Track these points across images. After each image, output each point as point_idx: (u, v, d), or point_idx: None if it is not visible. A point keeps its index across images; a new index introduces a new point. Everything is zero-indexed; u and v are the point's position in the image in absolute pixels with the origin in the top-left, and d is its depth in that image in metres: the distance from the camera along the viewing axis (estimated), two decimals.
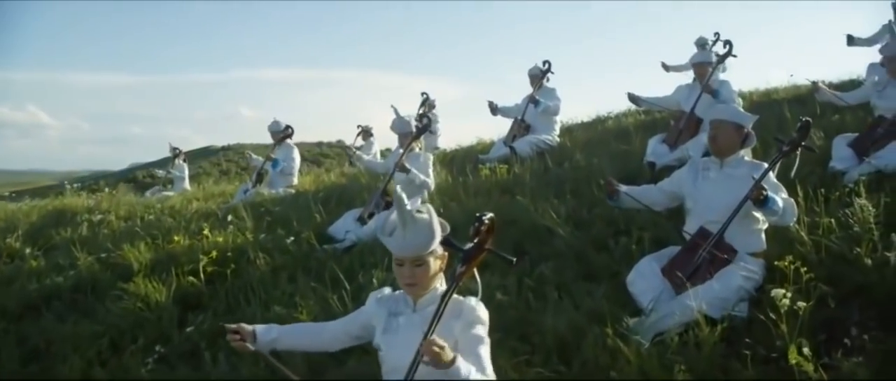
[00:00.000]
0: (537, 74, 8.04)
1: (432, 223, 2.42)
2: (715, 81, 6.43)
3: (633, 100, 6.97)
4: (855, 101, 5.76)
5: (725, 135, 3.85)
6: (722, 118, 3.86)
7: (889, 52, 5.50)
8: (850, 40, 8.68)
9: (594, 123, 9.44)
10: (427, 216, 2.43)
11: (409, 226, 2.39)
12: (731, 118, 3.86)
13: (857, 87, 7.85)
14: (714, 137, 3.87)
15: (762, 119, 7.10)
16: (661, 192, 4.12)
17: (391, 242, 2.43)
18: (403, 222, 2.39)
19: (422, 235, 2.40)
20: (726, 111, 3.89)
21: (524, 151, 7.68)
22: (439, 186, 6.49)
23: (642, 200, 4.08)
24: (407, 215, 2.37)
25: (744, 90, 9.91)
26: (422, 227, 2.41)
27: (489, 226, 2.37)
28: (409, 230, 2.39)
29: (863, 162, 5.08)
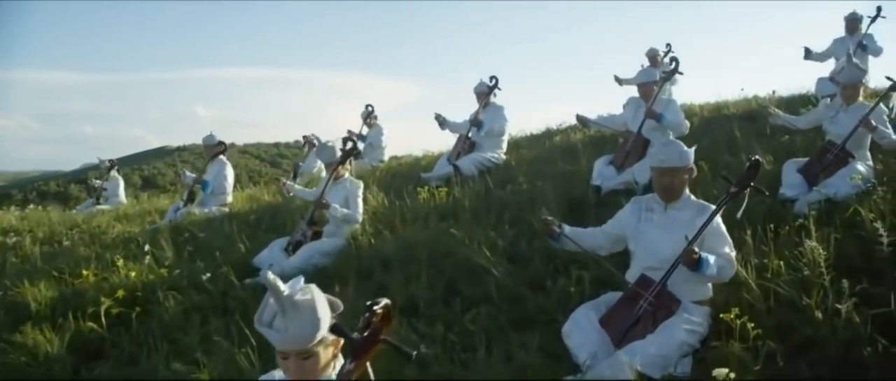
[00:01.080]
0: (484, 91, 7.71)
1: (317, 308, 2.02)
2: (660, 102, 6.15)
3: (582, 122, 6.65)
4: (807, 125, 5.55)
5: (680, 181, 3.56)
6: (676, 166, 3.55)
7: (845, 79, 5.30)
8: (807, 54, 8.56)
9: (542, 136, 9.14)
10: (310, 299, 2.02)
11: (290, 314, 1.98)
12: (682, 163, 3.55)
13: (807, 101, 7.70)
14: (669, 186, 3.56)
15: (713, 137, 6.96)
16: (604, 235, 3.79)
17: (271, 334, 2.01)
18: (282, 309, 1.98)
19: (305, 324, 1.99)
20: (676, 156, 3.57)
21: (468, 169, 7.35)
22: (374, 211, 6.12)
23: (584, 245, 3.75)
24: (285, 301, 1.97)
25: (694, 103, 9.76)
26: (304, 314, 2.00)
27: (383, 314, 1.99)
28: (289, 319, 1.98)
29: (812, 190, 4.88)
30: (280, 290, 1.96)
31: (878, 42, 8.28)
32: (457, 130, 7.83)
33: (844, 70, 5.38)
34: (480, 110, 7.69)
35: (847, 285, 3.29)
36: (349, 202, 5.65)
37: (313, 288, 2.06)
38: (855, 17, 8.41)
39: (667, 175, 3.57)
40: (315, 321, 2.00)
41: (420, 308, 4.25)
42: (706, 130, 7.25)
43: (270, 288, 1.96)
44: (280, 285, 1.96)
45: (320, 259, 5.33)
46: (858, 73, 5.28)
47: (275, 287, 1.95)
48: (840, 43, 8.54)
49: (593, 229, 3.84)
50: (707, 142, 6.76)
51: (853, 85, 5.26)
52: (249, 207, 7.83)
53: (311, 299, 2.01)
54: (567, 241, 3.73)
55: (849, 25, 8.47)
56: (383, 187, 7.12)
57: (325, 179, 5.76)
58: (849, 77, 5.30)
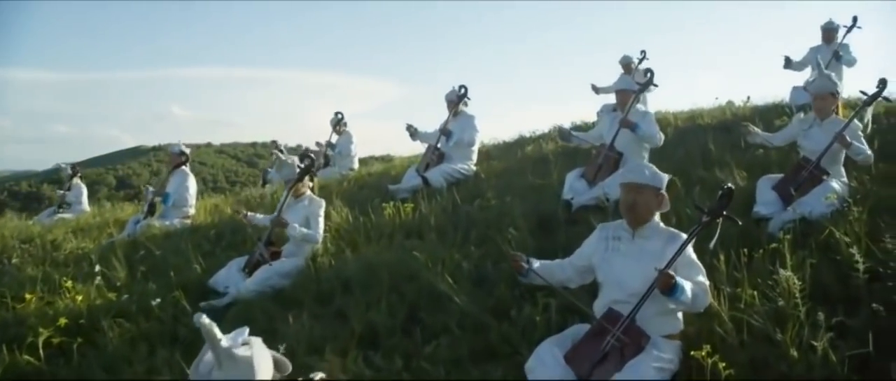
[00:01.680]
0: (453, 99, 7.51)
1: (255, 367, 1.79)
2: (636, 113, 5.99)
3: (564, 137, 6.44)
4: (782, 142, 5.40)
5: (644, 202, 3.35)
6: (641, 183, 3.36)
7: (815, 89, 5.16)
8: (787, 63, 8.46)
9: (514, 145, 8.95)
10: (249, 356, 1.80)
11: (226, 367, 1.76)
12: (651, 183, 3.36)
13: (781, 112, 7.59)
14: (632, 204, 3.36)
15: (687, 148, 6.82)
16: (572, 268, 3.58)
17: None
18: (218, 361, 1.76)
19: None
20: (645, 174, 3.39)
21: (437, 181, 7.14)
22: (337, 228, 5.89)
23: (553, 280, 3.55)
24: (222, 353, 1.75)
25: (669, 111, 9.63)
26: (242, 370, 1.78)
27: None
28: (225, 372, 1.76)
29: (787, 209, 4.73)
30: (216, 339, 1.74)
31: (853, 52, 8.20)
32: (427, 141, 7.62)
33: (815, 81, 5.24)
34: (450, 120, 7.49)
35: (823, 318, 3.14)
36: (310, 221, 5.42)
37: (256, 343, 1.85)
38: (831, 26, 8.33)
39: (632, 192, 3.39)
40: (252, 377, 1.78)
41: (379, 337, 4.04)
42: (680, 140, 7.11)
43: (206, 336, 1.74)
44: (216, 333, 1.74)
45: (278, 281, 5.09)
46: (829, 84, 5.14)
47: (211, 336, 1.73)
48: (816, 51, 8.46)
49: (561, 261, 3.63)
50: (681, 153, 6.63)
51: (823, 96, 5.11)
52: (211, 220, 7.55)
53: (250, 357, 1.79)
54: (536, 276, 3.52)
55: (825, 34, 8.38)
56: (349, 201, 6.90)
57: (283, 197, 5.52)
58: (819, 88, 5.17)
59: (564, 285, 3.58)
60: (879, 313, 3.26)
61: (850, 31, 8.15)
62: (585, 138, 6.43)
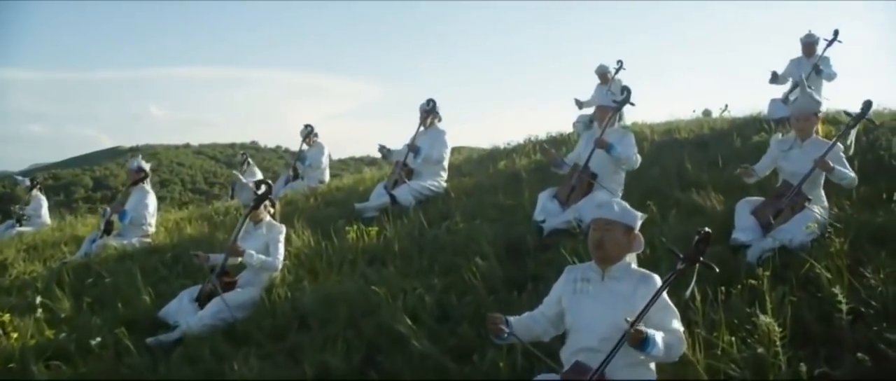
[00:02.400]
0: (424, 110, 7.24)
1: None
2: (613, 133, 5.75)
3: (557, 165, 6.02)
4: (765, 170, 5.14)
5: (613, 240, 3.09)
6: (610, 219, 3.10)
7: (797, 110, 4.94)
8: (774, 78, 8.31)
9: (487, 159, 8.68)
10: None
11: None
12: (620, 219, 3.10)
13: (759, 127, 7.40)
14: (600, 241, 3.10)
15: (663, 166, 6.60)
16: (545, 319, 3.29)
17: None
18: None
19: None
20: (614, 210, 3.13)
21: (405, 199, 6.87)
22: (298, 252, 5.60)
23: (529, 337, 3.26)
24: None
25: (646, 123, 9.44)
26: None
27: None
28: None
29: (766, 236, 4.51)
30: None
31: (833, 66, 8.06)
32: (397, 158, 7.34)
33: (797, 100, 5.02)
34: (419, 134, 7.22)
35: (805, 369, 2.92)
36: (269, 248, 5.12)
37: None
38: (811, 39, 8.18)
39: (599, 229, 3.13)
40: None
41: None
42: (656, 157, 6.89)
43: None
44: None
45: (232, 314, 4.78)
46: (812, 103, 4.93)
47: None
48: (796, 64, 8.32)
49: (533, 314, 3.32)
50: (657, 172, 6.42)
51: (806, 117, 4.90)
52: (171, 240, 7.22)
53: None
54: (514, 338, 3.23)
55: (805, 47, 8.23)
56: (313, 222, 6.60)
57: (239, 224, 5.22)
58: (802, 108, 4.95)
59: (541, 338, 3.31)
60: (864, 362, 3.04)
61: (831, 44, 8.00)
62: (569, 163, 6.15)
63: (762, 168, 5.14)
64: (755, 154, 6.42)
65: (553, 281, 4.35)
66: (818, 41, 8.16)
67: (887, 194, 4.99)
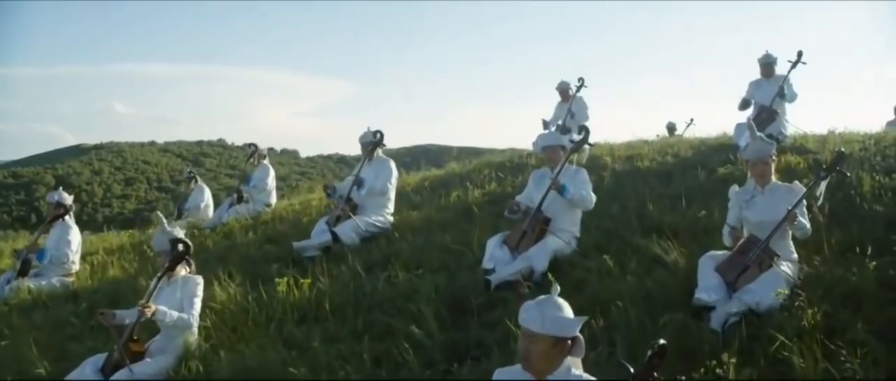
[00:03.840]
0: (368, 142, 6.75)
1: None
2: (567, 172, 5.30)
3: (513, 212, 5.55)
4: (735, 222, 4.74)
5: (540, 353, 2.63)
6: (534, 331, 2.63)
7: (752, 155, 4.54)
8: (744, 104, 7.96)
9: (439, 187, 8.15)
10: None
11: None
12: (548, 332, 2.63)
13: (725, 154, 7.02)
14: (526, 353, 2.64)
15: (623, 203, 6.17)
16: None
17: None
18: None
19: None
20: (539, 321, 2.65)
21: (348, 237, 6.37)
22: (223, 307, 5.06)
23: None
24: None
25: (609, 144, 9.05)
26: None
27: None
28: None
29: (733, 297, 4.11)
30: None
31: (795, 87, 7.74)
32: (342, 193, 6.84)
33: (750, 145, 4.61)
34: (364, 165, 6.72)
35: None
36: (183, 304, 4.58)
37: None
38: (769, 59, 7.85)
39: (525, 339, 2.67)
40: None
41: None
42: (617, 191, 6.47)
43: None
44: None
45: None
46: (766, 147, 4.54)
47: None
48: (756, 86, 7.98)
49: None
50: (616, 210, 6.00)
51: (763, 161, 4.51)
52: (93, 281, 6.63)
53: None
54: None
55: (764, 69, 7.91)
56: (246, 264, 6.08)
57: (153, 284, 4.66)
58: (757, 153, 4.54)
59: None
60: None
61: (795, 66, 7.68)
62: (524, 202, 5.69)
63: (734, 222, 4.74)
64: (721, 189, 6.05)
65: (496, 351, 3.93)
66: (776, 61, 7.85)
67: (860, 245, 4.64)
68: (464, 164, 10.13)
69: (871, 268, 4.13)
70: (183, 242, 4.64)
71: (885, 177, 5.65)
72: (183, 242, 4.64)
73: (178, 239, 4.64)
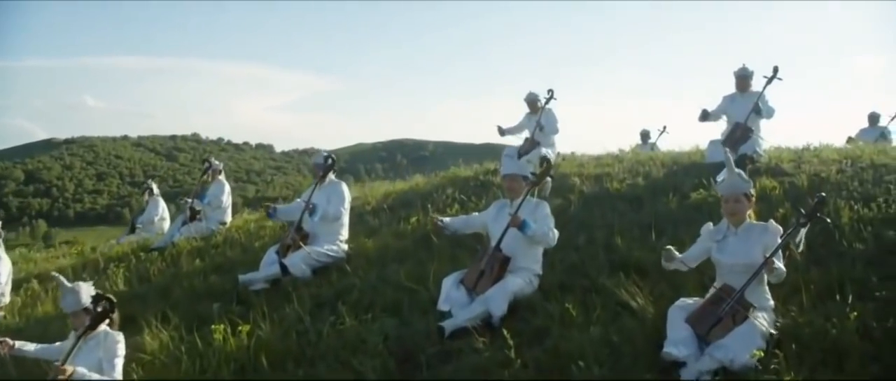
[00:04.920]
0: (320, 167, 6.34)
1: None
2: (528, 206, 4.91)
3: (441, 227, 5.25)
4: (694, 261, 4.41)
5: None
6: None
7: (726, 190, 4.19)
8: (704, 116, 7.70)
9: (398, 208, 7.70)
10: None
11: None
12: None
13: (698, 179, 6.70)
14: None
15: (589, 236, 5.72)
16: None
17: None
18: None
19: None
20: None
21: (298, 269, 5.95)
22: (149, 360, 4.63)
23: None
24: None
25: (580, 158, 8.69)
26: None
27: None
28: None
29: (704, 353, 3.77)
30: None
31: (771, 103, 7.45)
32: (291, 217, 6.41)
33: (726, 180, 4.24)
34: (315, 190, 6.30)
35: None
36: (103, 364, 4.15)
37: None
38: (745, 73, 7.55)
39: None
40: None
41: None
42: (585, 218, 6.12)
43: None
44: None
45: None
46: (741, 183, 4.18)
47: None
48: (730, 101, 7.69)
49: None
50: (583, 241, 5.64)
51: (736, 198, 4.16)
52: (20, 319, 6.14)
53: None
54: None
55: (739, 82, 7.61)
56: (186, 302, 5.65)
57: (72, 343, 4.21)
58: (731, 189, 4.19)
59: None
60: None
61: (771, 82, 7.38)
62: (460, 226, 5.33)
63: (690, 258, 4.40)
64: (693, 217, 5.74)
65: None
66: (752, 75, 7.55)
67: (839, 287, 4.34)
68: (430, 177, 9.72)
69: (852, 318, 3.82)
70: (106, 299, 4.20)
71: (864, 207, 5.35)
72: (106, 299, 4.20)
73: (100, 296, 4.20)
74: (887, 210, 5.28)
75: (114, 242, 10.28)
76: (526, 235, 4.76)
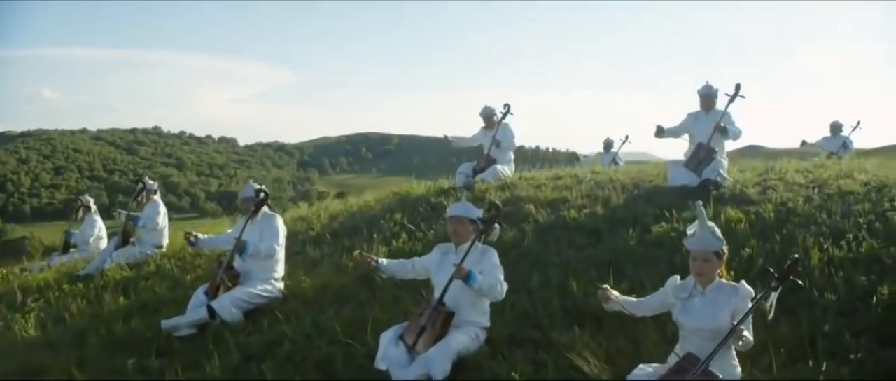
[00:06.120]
0: (250, 200, 5.82)
1: None
2: (474, 253, 4.43)
3: (375, 269, 4.78)
4: (650, 311, 4.02)
5: None
6: None
7: (696, 246, 3.75)
8: (659, 132, 7.36)
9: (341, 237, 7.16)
10: None
11: None
12: None
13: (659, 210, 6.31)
14: None
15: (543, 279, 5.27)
16: None
17: None
18: None
19: None
20: None
21: (228, 313, 5.46)
22: None
23: None
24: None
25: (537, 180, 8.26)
26: None
27: None
28: None
29: None
30: None
31: (736, 122, 7.12)
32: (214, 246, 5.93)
33: (696, 234, 3.80)
34: (246, 225, 5.77)
35: None
36: None
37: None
38: (710, 91, 7.20)
39: None
40: None
41: None
42: (539, 254, 5.68)
43: None
44: None
45: None
46: (714, 241, 3.72)
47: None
48: (694, 119, 7.34)
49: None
50: (536, 283, 5.22)
51: (706, 256, 3.74)
52: None
53: None
54: None
55: (704, 101, 7.26)
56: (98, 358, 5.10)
57: None
58: (700, 245, 3.75)
59: None
60: None
61: (733, 100, 7.05)
62: (395, 271, 4.84)
63: (643, 307, 4.03)
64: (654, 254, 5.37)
65: None
66: (717, 94, 7.20)
67: (811, 342, 4.00)
68: (383, 194, 9.23)
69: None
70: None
71: (833, 245, 5.01)
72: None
73: None
74: (858, 249, 4.95)
75: (44, 264, 9.62)
76: (472, 288, 4.30)
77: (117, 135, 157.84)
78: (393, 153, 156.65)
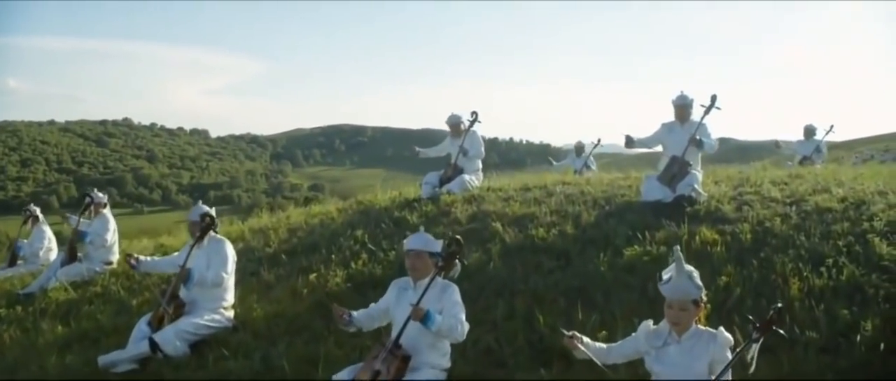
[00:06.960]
0: (196, 224, 5.43)
1: None
2: (434, 289, 4.08)
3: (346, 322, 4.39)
4: (621, 359, 3.72)
5: None
6: None
7: (670, 293, 3.45)
8: (628, 142, 7.09)
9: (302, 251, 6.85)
10: None
11: None
12: None
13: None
14: None
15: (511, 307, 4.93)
16: None
17: None
18: None
19: None
20: None
21: (171, 346, 5.07)
22: None
23: None
24: None
25: (505, 191, 7.94)
26: None
27: None
28: None
29: None
30: None
31: (712, 134, 6.86)
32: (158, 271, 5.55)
33: (673, 281, 3.49)
34: (193, 250, 5.38)
35: None
36: None
37: None
38: (685, 101, 6.93)
39: None
40: None
41: None
42: (505, 280, 5.35)
43: None
44: None
45: None
46: (692, 289, 3.41)
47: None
48: (668, 130, 7.06)
49: None
50: (501, 314, 4.91)
51: (683, 305, 3.43)
52: None
53: None
54: None
55: (678, 111, 6.98)
56: None
57: None
58: (676, 293, 3.44)
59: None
60: None
61: (709, 111, 6.78)
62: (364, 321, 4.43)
63: (614, 355, 3.73)
64: (626, 281, 5.08)
65: None
66: (692, 103, 6.93)
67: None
68: (345, 204, 8.86)
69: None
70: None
71: (813, 273, 4.75)
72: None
73: None
74: (838, 277, 4.71)
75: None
76: (430, 329, 3.96)
77: (86, 126, 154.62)
78: (366, 145, 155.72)
